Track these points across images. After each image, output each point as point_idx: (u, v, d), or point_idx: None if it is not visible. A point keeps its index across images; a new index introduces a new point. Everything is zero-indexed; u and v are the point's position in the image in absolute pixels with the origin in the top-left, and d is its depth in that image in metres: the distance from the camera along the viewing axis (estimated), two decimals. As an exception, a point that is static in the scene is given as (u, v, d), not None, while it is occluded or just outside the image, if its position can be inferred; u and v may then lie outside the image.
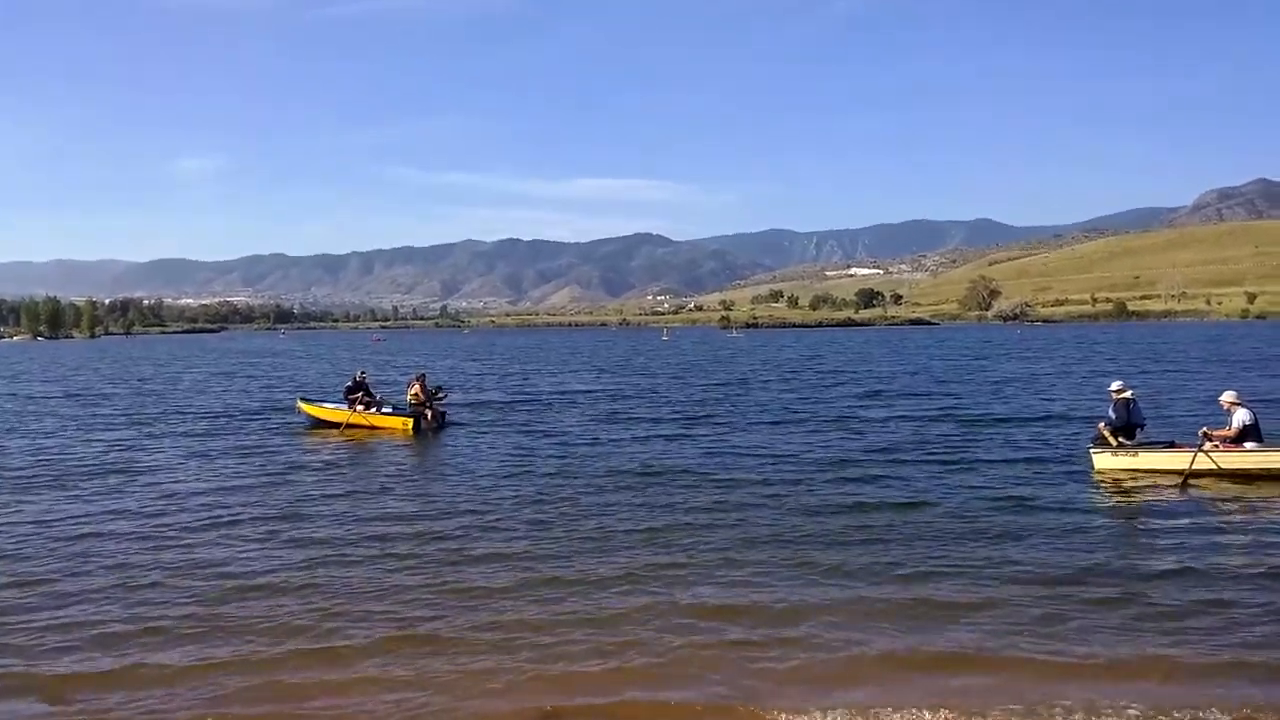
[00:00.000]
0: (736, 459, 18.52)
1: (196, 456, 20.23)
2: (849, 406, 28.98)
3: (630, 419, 26.44)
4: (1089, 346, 75.26)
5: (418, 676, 7.68)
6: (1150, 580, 9.88)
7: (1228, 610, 8.92)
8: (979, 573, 10.13)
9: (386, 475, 17.58)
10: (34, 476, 17.80)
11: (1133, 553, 11.11)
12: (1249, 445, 15.68)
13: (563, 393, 36.85)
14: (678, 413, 27.96)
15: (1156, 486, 15.25)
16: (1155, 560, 10.72)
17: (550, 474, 17.09)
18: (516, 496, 14.96)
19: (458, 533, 12.46)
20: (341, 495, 15.44)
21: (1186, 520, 12.92)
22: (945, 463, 17.69)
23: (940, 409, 27.64)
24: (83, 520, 13.63)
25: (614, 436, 22.47)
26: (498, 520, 13.20)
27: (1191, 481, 15.22)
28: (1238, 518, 13.18)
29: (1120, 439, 16.65)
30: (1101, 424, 17.10)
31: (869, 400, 31.27)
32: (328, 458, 20.07)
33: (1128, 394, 17.00)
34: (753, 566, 10.46)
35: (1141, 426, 17.01)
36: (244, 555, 11.43)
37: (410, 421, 23.94)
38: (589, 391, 37.12)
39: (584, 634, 8.50)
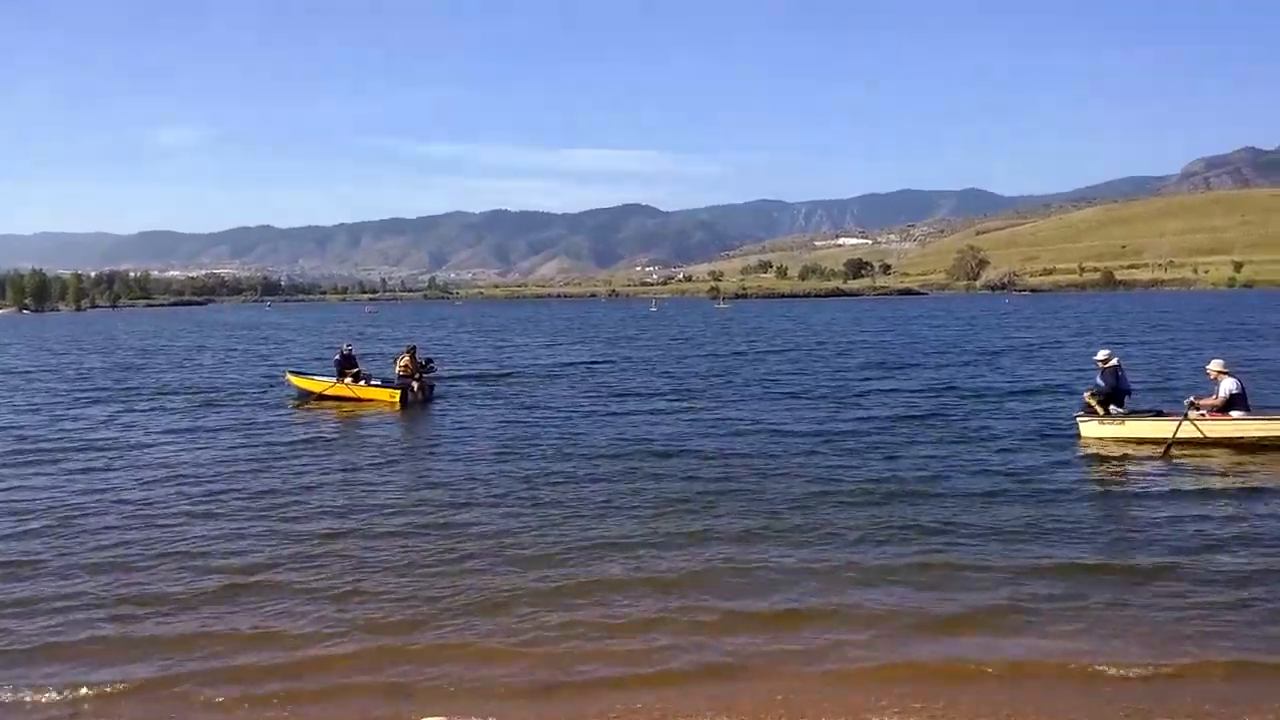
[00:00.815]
0: (733, 438, 17.92)
1: (182, 434, 19.86)
2: (847, 379, 28.82)
3: (622, 394, 26.05)
4: (1084, 316, 75.04)
5: (407, 685, 7.32)
6: (1133, 567, 9.67)
7: (1210, 597, 8.77)
8: (966, 565, 9.84)
9: (375, 455, 17.13)
10: (12, 456, 17.38)
11: (1120, 537, 10.81)
12: (1236, 413, 15.75)
13: (554, 365, 36.67)
14: (671, 387, 27.62)
15: (1143, 455, 15.29)
16: (1141, 544, 10.48)
17: (544, 453, 16.55)
18: (510, 478, 14.42)
19: (445, 522, 11.89)
20: (328, 478, 14.95)
21: (1172, 494, 12.85)
22: (940, 439, 17.38)
23: (937, 381, 27.46)
24: (62, 506, 13.18)
25: (607, 412, 22.14)
26: (491, 507, 12.62)
27: (1177, 450, 15.28)
28: (1223, 488, 13.18)
29: (1110, 406, 16.78)
30: (1087, 393, 17.24)
31: (867, 372, 31.01)
32: (315, 435, 19.78)
33: (1114, 361, 17.15)
34: (757, 564, 9.93)
35: (1128, 393, 17.16)
36: (227, 548, 10.91)
37: (397, 394, 23.91)
38: (579, 364, 36.84)
39: (586, 639, 8.12)
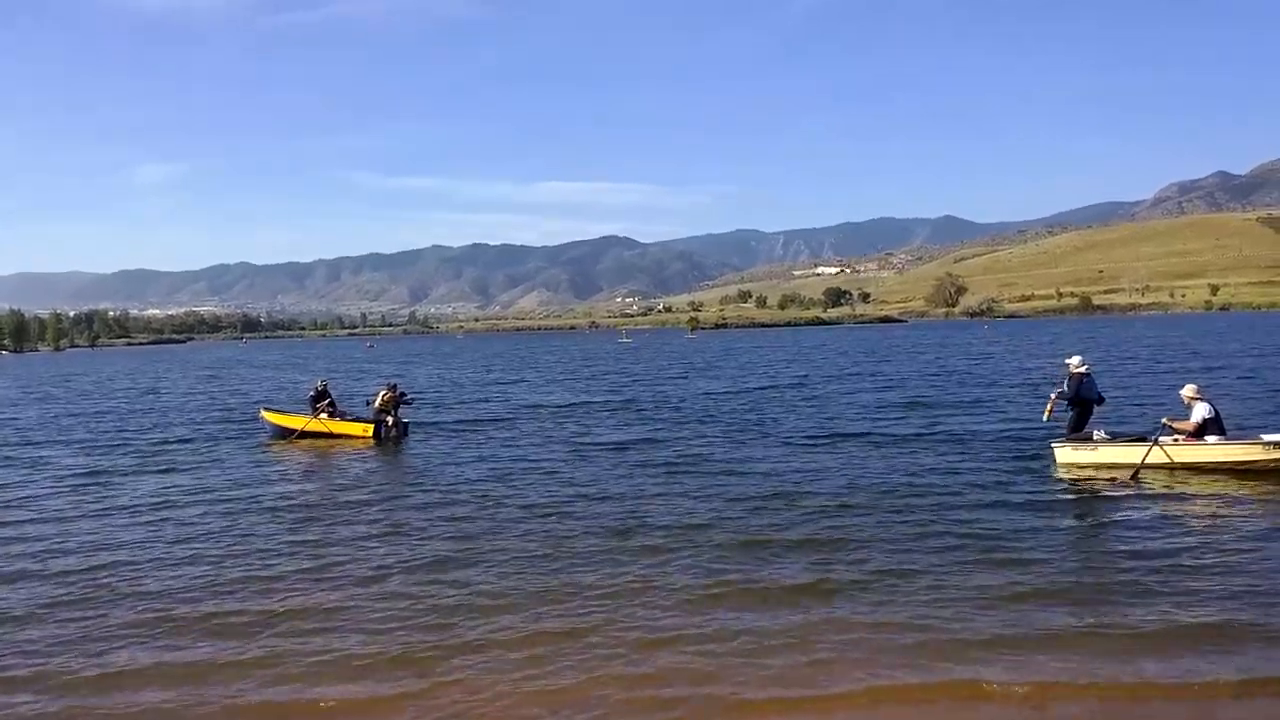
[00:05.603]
0: (716, 499, 14.94)
1: (154, 487, 18.20)
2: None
3: (598, 437, 24.90)
4: (1080, 343, 72.10)
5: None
6: (1105, 596, 9.50)
7: (1187, 625, 8.70)
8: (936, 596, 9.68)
9: (349, 497, 16.34)
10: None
11: (1090, 566, 10.72)
12: (1210, 439, 15.74)
13: (529, 406, 36.43)
14: (658, 427, 26.18)
15: (1117, 482, 15.25)
16: (1110, 573, 10.36)
17: (521, 500, 15.41)
18: (487, 528, 13.25)
19: (416, 580, 10.80)
20: (298, 529, 13.90)
21: (1144, 522, 12.72)
22: (912, 484, 17.04)
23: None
24: (21, 565, 12.50)
25: (581, 455, 21.07)
26: (471, 561, 11.51)
27: (1150, 475, 15.38)
28: (1194, 515, 13.13)
29: (1080, 420, 17.03)
30: (1054, 393, 17.57)
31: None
32: (287, 484, 18.49)
33: (1082, 369, 17.16)
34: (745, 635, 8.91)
35: (1096, 402, 17.30)
36: (199, 620, 9.70)
37: (370, 428, 23.68)
38: (558, 406, 36.39)
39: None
